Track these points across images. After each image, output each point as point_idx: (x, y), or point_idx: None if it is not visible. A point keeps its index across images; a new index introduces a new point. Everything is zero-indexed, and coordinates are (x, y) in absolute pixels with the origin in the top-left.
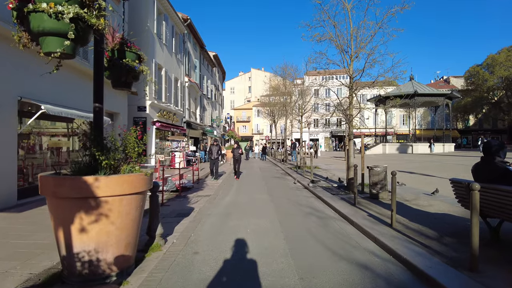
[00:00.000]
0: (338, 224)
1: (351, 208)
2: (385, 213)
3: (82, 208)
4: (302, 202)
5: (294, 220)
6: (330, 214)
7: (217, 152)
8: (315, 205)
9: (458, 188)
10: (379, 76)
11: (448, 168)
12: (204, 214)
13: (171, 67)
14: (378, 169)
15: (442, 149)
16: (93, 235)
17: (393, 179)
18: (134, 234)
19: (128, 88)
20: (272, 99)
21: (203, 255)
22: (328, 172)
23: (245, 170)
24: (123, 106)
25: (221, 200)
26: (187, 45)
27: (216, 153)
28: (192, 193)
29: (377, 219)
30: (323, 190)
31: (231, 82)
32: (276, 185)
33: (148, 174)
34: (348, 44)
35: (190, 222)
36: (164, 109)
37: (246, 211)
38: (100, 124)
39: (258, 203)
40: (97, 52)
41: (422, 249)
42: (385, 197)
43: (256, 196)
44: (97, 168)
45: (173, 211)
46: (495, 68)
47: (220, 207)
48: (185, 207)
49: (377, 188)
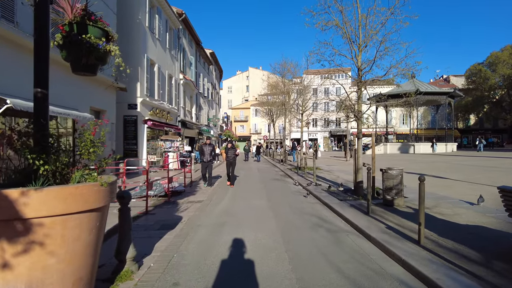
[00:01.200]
0: (352, 240)
1: (364, 218)
2: (406, 225)
3: (3, 235)
4: (306, 209)
5: (299, 234)
6: (341, 225)
7: (210, 153)
8: (322, 214)
9: (510, 198)
10: (391, 67)
11: (458, 168)
12: (193, 225)
13: (164, 63)
14: (393, 172)
15: (445, 149)
16: (22, 272)
17: (421, 186)
18: (88, 265)
19: (91, 72)
20: (270, 98)
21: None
22: (331, 174)
23: (243, 171)
24: (110, 103)
25: (214, 207)
26: (182, 41)
27: (209, 154)
28: (182, 198)
29: (398, 233)
30: (328, 195)
31: (229, 81)
32: (275, 188)
33: (105, 185)
34: (356, 32)
35: (175, 236)
36: (157, 107)
37: (242, 222)
38: (43, 115)
39: (256, 211)
40: (39, 14)
41: (470, 280)
42: (401, 204)
43: (254, 202)
44: (36, 176)
45: (158, 222)
46: (498, 66)
47: (212, 216)
48: (172, 216)
49: (392, 194)
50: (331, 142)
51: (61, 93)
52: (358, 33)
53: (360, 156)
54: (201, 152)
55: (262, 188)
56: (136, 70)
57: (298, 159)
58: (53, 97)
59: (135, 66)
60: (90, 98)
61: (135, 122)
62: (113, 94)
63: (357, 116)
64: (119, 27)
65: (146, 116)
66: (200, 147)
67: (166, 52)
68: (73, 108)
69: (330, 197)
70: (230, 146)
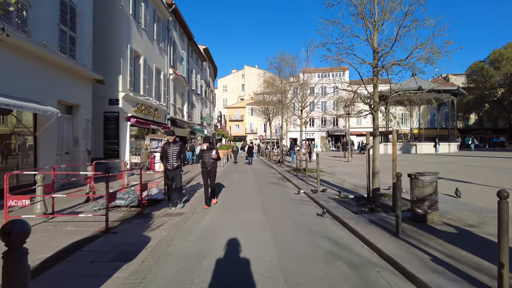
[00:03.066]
0: (388, 282)
1: (395, 241)
2: (460, 256)
3: None
4: (314, 227)
5: (310, 271)
6: (365, 254)
7: (177, 155)
8: (336, 234)
9: None
10: (417, 47)
11: (475, 171)
12: (161, 254)
13: (151, 56)
14: (426, 179)
15: (448, 149)
16: None
17: (502, 205)
18: None
19: None
20: (266, 97)
21: None
22: (334, 177)
23: (236, 173)
24: (85, 97)
25: (195, 223)
26: (172, 34)
27: (174, 158)
28: (160, 209)
29: (457, 273)
30: (338, 205)
31: (224, 80)
32: (273, 195)
33: None
34: (370, 8)
35: (130, 276)
36: (143, 103)
37: (230, 248)
38: None
39: (249, 230)
40: None
41: None
42: (436, 219)
43: (247, 215)
44: None
45: (115, 247)
46: (501, 63)
47: (190, 238)
48: (139, 237)
49: (424, 207)
50: (329, 142)
51: (16, 82)
52: (373, 7)
53: (377, 159)
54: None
55: (257, 194)
56: (118, 61)
57: (298, 160)
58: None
59: (117, 57)
60: (57, 90)
61: (116, 119)
62: (88, 87)
63: (373, 108)
64: (97, 12)
65: (129, 112)
66: (162, 148)
67: (153, 44)
68: (32, 100)
69: (340, 208)
70: (207, 146)
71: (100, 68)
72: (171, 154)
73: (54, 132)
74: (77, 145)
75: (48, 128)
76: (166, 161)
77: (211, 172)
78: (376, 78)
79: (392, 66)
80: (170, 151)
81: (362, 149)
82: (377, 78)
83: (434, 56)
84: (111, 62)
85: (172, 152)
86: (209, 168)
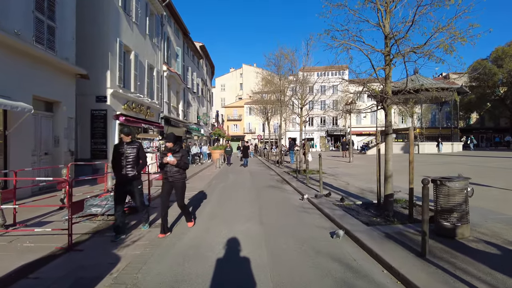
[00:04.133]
0: None
1: (422, 266)
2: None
3: None
4: (320, 245)
5: None
6: (387, 284)
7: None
8: (347, 254)
9: None
10: (438, 30)
11: (486, 172)
12: (126, 285)
13: (143, 52)
14: (455, 185)
15: (451, 149)
16: None
17: None
18: None
19: None
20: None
21: None
22: (337, 179)
23: (231, 174)
24: (67, 93)
25: (177, 238)
26: (166, 29)
27: (130, 164)
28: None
29: None
30: (345, 214)
31: (222, 79)
32: (272, 201)
33: None
34: None
35: None
36: (133, 100)
37: (216, 278)
38: None
39: (242, 250)
40: None
41: None
42: (467, 234)
43: (241, 228)
44: None
45: (71, 273)
46: (504, 61)
47: (167, 261)
48: (106, 257)
49: (452, 219)
50: (328, 141)
51: None
52: None
53: (390, 160)
54: (113, 160)
55: (253, 200)
56: (106, 56)
57: (297, 161)
58: None
59: (105, 51)
60: (32, 84)
61: (104, 118)
62: (71, 82)
63: (386, 102)
64: (82, 2)
65: (118, 110)
66: (113, 150)
67: (146, 39)
68: (0, 95)
69: (349, 217)
70: (169, 146)
71: (85, 63)
72: (125, 159)
73: (30, 131)
74: (58, 145)
75: (22, 126)
76: (118, 170)
77: (175, 185)
78: (389, 67)
79: (410, 53)
80: (125, 152)
81: (362, 149)
82: (389, 68)
83: (458, 41)
84: (98, 57)
85: (129, 154)
86: (171, 179)
